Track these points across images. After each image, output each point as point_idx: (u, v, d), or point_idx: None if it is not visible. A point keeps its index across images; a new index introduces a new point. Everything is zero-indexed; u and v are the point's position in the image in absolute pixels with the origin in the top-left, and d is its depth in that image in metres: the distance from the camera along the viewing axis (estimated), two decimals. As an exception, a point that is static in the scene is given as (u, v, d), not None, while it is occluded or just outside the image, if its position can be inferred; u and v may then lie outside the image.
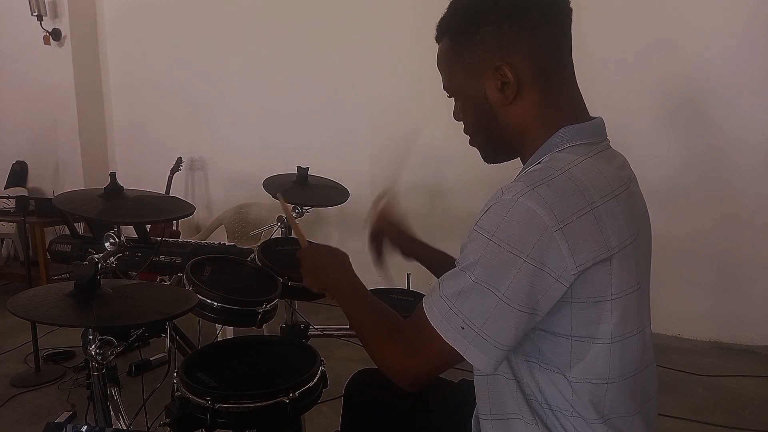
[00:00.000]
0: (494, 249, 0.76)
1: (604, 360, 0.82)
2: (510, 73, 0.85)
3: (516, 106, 0.88)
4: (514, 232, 0.75)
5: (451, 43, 0.91)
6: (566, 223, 0.74)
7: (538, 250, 0.74)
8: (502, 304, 0.76)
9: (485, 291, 0.77)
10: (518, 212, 0.75)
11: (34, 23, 4.35)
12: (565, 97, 0.89)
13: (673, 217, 3.05)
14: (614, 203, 0.79)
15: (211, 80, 4.36)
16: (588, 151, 0.84)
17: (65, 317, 1.16)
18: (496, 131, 0.92)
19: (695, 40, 3.06)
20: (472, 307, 0.78)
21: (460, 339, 0.78)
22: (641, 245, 0.86)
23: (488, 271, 0.76)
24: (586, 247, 0.75)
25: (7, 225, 4.19)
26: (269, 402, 1.29)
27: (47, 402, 2.51)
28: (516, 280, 0.75)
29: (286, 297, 1.93)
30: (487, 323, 0.77)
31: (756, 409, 2.46)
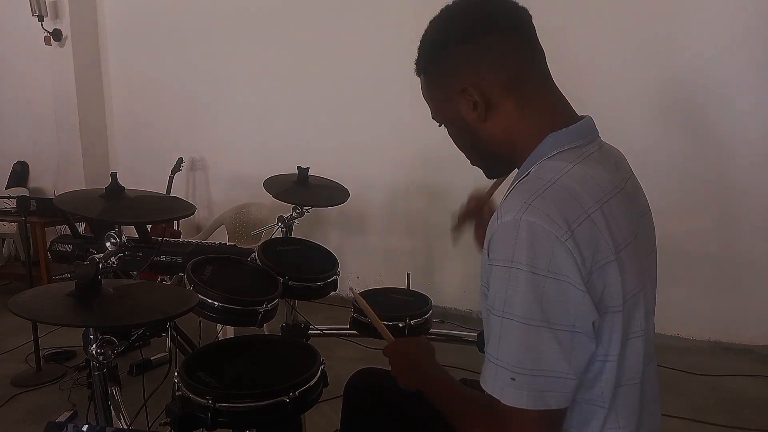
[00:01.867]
0: (517, 275, 0.73)
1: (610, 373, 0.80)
2: (475, 93, 0.87)
3: (493, 121, 0.89)
4: (529, 251, 0.73)
5: (423, 77, 0.96)
6: (571, 231, 0.74)
7: (555, 263, 0.73)
8: (543, 331, 0.73)
9: (521, 325, 0.73)
10: (525, 231, 0.74)
11: (35, 24, 4.35)
12: (544, 102, 0.90)
13: (673, 217, 3.05)
14: (608, 206, 0.79)
15: (212, 80, 4.36)
16: (577, 156, 0.84)
17: (66, 317, 1.16)
18: (483, 148, 0.94)
19: (694, 40, 3.06)
20: (515, 350, 0.74)
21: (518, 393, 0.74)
22: (641, 245, 0.86)
23: (518, 301, 0.74)
24: (592, 253, 0.75)
25: (8, 225, 4.19)
26: (270, 401, 1.29)
27: (48, 401, 2.51)
28: (547, 301, 0.73)
29: (287, 297, 1.93)
30: (537, 360, 0.73)
31: (755, 408, 2.46)
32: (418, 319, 1.87)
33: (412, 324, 1.83)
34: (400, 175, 3.76)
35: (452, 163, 4.02)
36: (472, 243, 1.32)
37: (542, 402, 0.74)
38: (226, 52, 4.25)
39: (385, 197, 3.84)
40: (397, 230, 3.81)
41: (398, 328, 1.83)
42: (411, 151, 3.67)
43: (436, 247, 3.72)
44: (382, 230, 3.89)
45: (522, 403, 0.74)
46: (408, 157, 3.68)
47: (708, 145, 3.15)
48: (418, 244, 3.81)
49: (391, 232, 3.85)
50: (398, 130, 3.70)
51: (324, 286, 1.94)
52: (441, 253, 3.71)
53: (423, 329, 1.89)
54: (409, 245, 3.82)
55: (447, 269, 3.73)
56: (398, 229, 3.81)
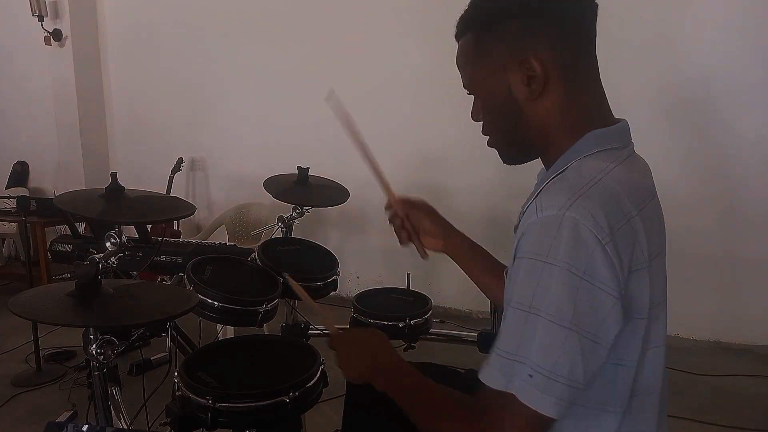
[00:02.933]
0: (552, 271, 0.70)
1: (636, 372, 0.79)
2: (538, 65, 0.82)
3: (543, 101, 0.84)
4: (568, 248, 0.69)
5: (474, 38, 0.88)
6: (612, 234, 0.71)
7: (593, 265, 0.69)
8: (572, 334, 0.69)
9: (549, 323, 0.70)
10: (568, 227, 0.70)
11: (35, 24, 4.35)
12: (591, 95, 0.87)
13: (674, 217, 3.03)
14: (645, 213, 0.77)
15: (212, 80, 4.36)
16: (615, 158, 0.81)
17: (66, 317, 1.16)
18: (520, 129, 0.88)
19: (697, 40, 3.07)
20: (538, 348, 0.70)
21: (532, 390, 0.70)
22: (664, 256, 0.86)
23: (550, 297, 0.70)
24: (629, 259, 0.73)
25: (8, 225, 4.19)
26: (270, 401, 1.29)
27: (48, 401, 2.52)
28: (579, 303, 0.69)
29: (287, 297, 1.93)
30: (558, 361, 0.70)
31: (755, 408, 2.46)
32: (418, 319, 1.87)
33: (412, 324, 1.83)
34: (400, 175, 3.73)
35: (452, 163, 4.04)
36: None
37: (552, 408, 0.70)
38: (227, 52, 4.25)
39: (385, 197, 3.83)
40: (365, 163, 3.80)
41: (398, 328, 1.82)
42: (411, 151, 3.67)
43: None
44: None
45: (535, 403, 0.70)
46: (408, 157, 3.68)
47: (708, 145, 3.16)
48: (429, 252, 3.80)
49: (391, 232, 3.83)
50: (398, 130, 3.70)
51: (324, 286, 1.94)
52: (441, 254, 3.71)
53: (423, 329, 1.88)
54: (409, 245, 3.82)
55: (447, 269, 3.72)
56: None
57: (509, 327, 0.74)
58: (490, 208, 3.51)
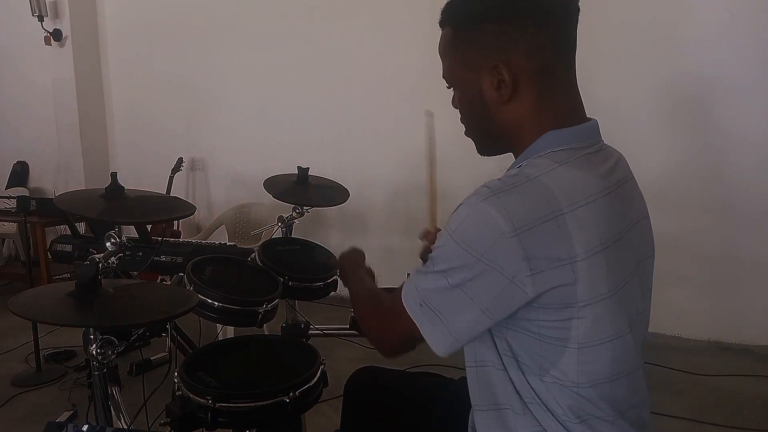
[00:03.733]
0: (453, 246, 0.80)
1: (574, 365, 0.82)
2: (507, 73, 0.85)
3: (511, 105, 0.88)
4: (472, 233, 0.78)
5: (452, 33, 0.91)
6: (525, 229, 0.75)
7: (492, 252, 0.76)
8: (457, 293, 0.80)
9: (443, 280, 0.81)
10: (477, 216, 0.78)
11: (35, 24, 4.35)
12: (561, 98, 0.89)
13: (673, 216, 3.05)
14: (585, 210, 0.79)
15: (212, 80, 4.36)
16: (567, 157, 0.84)
17: (66, 317, 1.16)
18: (489, 127, 0.92)
19: (696, 39, 3.06)
20: (431, 289, 0.83)
21: (419, 315, 0.85)
22: (626, 249, 0.85)
23: (447, 264, 0.81)
24: (545, 253, 0.76)
25: (8, 225, 4.19)
26: (270, 401, 1.29)
27: (48, 401, 2.52)
28: (469, 278, 0.79)
29: (287, 297, 1.93)
30: (442, 307, 0.82)
31: (755, 408, 2.46)
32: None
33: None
34: (400, 174, 3.76)
35: (452, 163, 4.04)
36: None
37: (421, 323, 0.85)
38: (227, 52, 4.26)
39: (385, 197, 3.84)
40: (397, 230, 3.81)
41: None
42: (411, 150, 3.65)
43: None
44: (382, 230, 3.89)
45: (418, 322, 0.85)
46: (408, 156, 3.67)
47: (708, 144, 3.16)
48: (418, 244, 3.80)
49: (391, 232, 3.85)
50: (398, 130, 3.70)
51: (324, 286, 1.94)
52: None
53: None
54: (409, 245, 3.81)
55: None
56: (398, 229, 3.81)
57: (424, 269, 0.85)
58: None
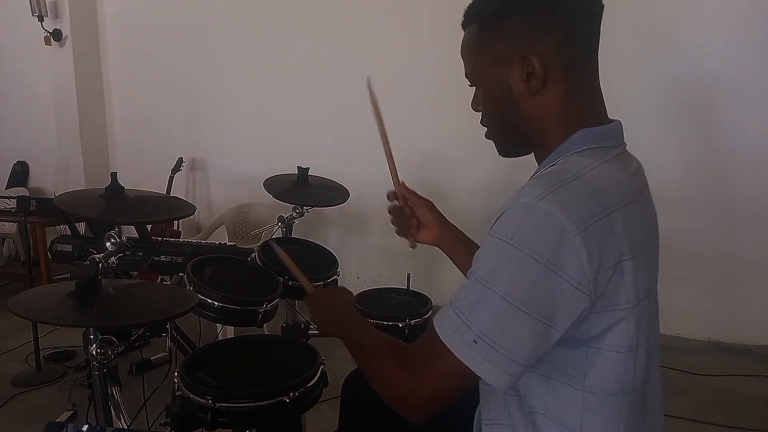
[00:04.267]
0: (512, 253, 0.73)
1: (618, 370, 0.79)
2: (537, 64, 0.83)
3: (539, 98, 0.86)
4: (534, 235, 0.72)
5: (479, 29, 0.89)
6: (585, 227, 0.72)
7: (558, 254, 0.71)
8: (520, 314, 0.72)
9: (501, 300, 0.73)
10: (537, 215, 0.72)
11: (35, 24, 4.35)
12: (588, 96, 0.88)
13: (673, 216, 3.05)
14: (627, 210, 0.78)
15: (212, 80, 4.36)
16: (604, 155, 0.83)
17: (66, 317, 1.16)
18: (516, 123, 0.89)
19: (697, 39, 3.07)
20: (488, 318, 0.74)
21: (473, 354, 0.74)
22: (651, 254, 0.85)
23: (505, 277, 0.73)
24: (600, 253, 0.73)
25: (8, 225, 4.19)
26: (270, 401, 1.29)
27: (48, 401, 2.52)
28: (534, 287, 0.72)
29: (287, 297, 1.93)
30: (503, 335, 0.73)
31: (755, 408, 2.46)
32: (418, 319, 1.87)
33: (412, 324, 1.83)
34: (400, 174, 3.76)
35: (452, 162, 4.04)
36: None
37: (490, 376, 0.74)
38: (226, 52, 4.26)
39: (385, 197, 3.83)
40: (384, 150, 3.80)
41: (398, 328, 1.83)
42: (411, 150, 3.66)
43: (436, 247, 3.72)
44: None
45: (473, 365, 0.74)
46: (408, 156, 3.67)
47: (708, 144, 3.16)
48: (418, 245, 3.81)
49: (391, 232, 3.83)
50: (398, 130, 3.67)
51: (324, 286, 1.94)
52: (441, 253, 3.71)
53: (423, 329, 1.89)
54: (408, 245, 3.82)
55: (447, 269, 3.72)
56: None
57: (467, 291, 0.77)
58: (489, 207, 3.50)
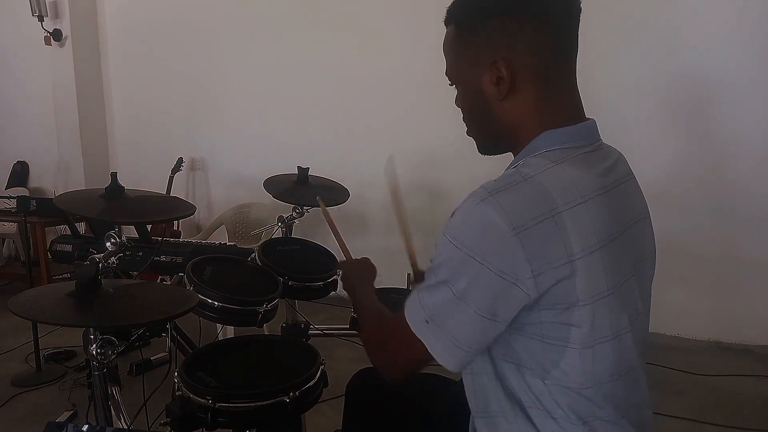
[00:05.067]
0: (454, 252, 0.78)
1: (577, 365, 0.81)
2: (505, 69, 0.85)
3: (509, 102, 0.88)
4: (472, 236, 0.77)
5: (455, 30, 0.91)
6: (523, 228, 0.75)
7: (494, 254, 0.75)
8: (462, 304, 0.78)
9: (447, 290, 0.79)
10: (476, 217, 0.77)
11: (35, 24, 4.35)
12: (560, 98, 0.89)
13: (673, 216, 3.05)
14: (581, 209, 0.79)
15: (212, 81, 4.36)
16: (563, 156, 0.84)
17: (66, 317, 1.16)
18: (489, 124, 0.92)
19: (696, 40, 3.06)
20: (436, 303, 0.81)
21: (425, 332, 0.82)
22: (624, 248, 0.85)
23: (450, 272, 0.79)
24: (543, 252, 0.75)
25: (8, 225, 4.19)
26: (270, 401, 1.29)
27: (48, 401, 2.52)
28: (474, 283, 0.77)
29: (287, 297, 1.93)
30: (448, 321, 0.80)
31: (755, 408, 2.46)
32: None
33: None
34: (400, 174, 3.75)
35: (452, 162, 4.04)
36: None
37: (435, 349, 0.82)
38: (226, 52, 4.25)
39: (385, 197, 3.81)
40: (397, 230, 3.81)
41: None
42: (411, 150, 3.67)
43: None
44: (382, 230, 3.88)
45: (426, 341, 0.82)
46: (408, 156, 3.68)
47: (708, 144, 3.16)
48: (418, 244, 3.79)
49: (391, 232, 3.83)
50: (398, 130, 3.70)
51: (324, 286, 1.94)
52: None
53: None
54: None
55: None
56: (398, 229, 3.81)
57: (427, 277, 0.84)
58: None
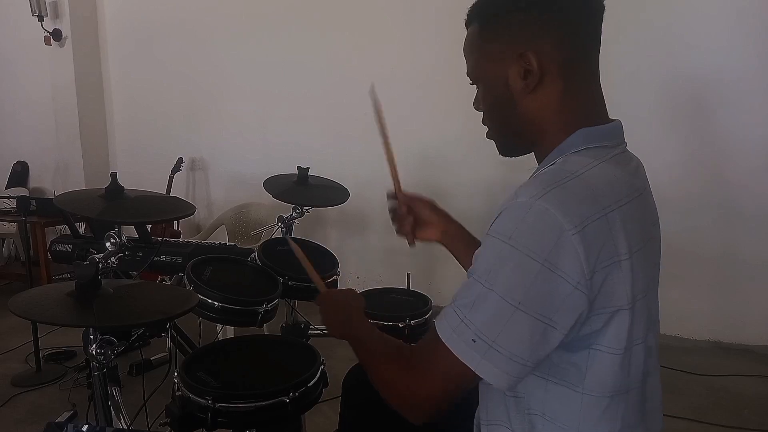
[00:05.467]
0: (510, 253, 0.73)
1: (615, 370, 0.80)
2: (534, 61, 0.84)
3: (536, 96, 0.86)
4: (531, 234, 0.72)
5: (479, 28, 0.90)
6: (583, 227, 0.72)
7: (555, 253, 0.71)
8: (518, 313, 0.72)
9: (499, 299, 0.73)
10: (535, 214, 0.72)
11: (35, 24, 4.35)
12: (586, 95, 0.88)
13: (673, 216, 3.04)
14: (626, 209, 0.78)
15: (212, 80, 4.36)
16: (603, 155, 0.83)
17: (66, 317, 1.16)
18: (514, 121, 0.90)
19: (698, 40, 3.06)
20: (486, 317, 0.74)
21: (471, 353, 0.74)
22: (650, 253, 0.85)
23: (503, 276, 0.73)
24: (598, 252, 0.73)
25: (8, 225, 4.19)
26: (269, 401, 1.29)
27: (48, 401, 2.52)
28: (533, 286, 0.72)
29: (287, 297, 1.93)
30: (502, 334, 0.73)
31: (755, 408, 2.46)
32: (418, 319, 1.87)
33: (412, 324, 1.83)
34: (400, 174, 3.76)
35: (453, 162, 4.03)
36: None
37: (490, 375, 0.74)
38: (227, 52, 4.25)
39: (385, 197, 3.82)
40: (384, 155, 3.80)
41: (398, 328, 1.83)
42: (411, 150, 3.66)
43: (436, 247, 3.71)
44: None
45: (472, 363, 0.74)
46: (408, 156, 3.68)
47: (708, 144, 3.16)
48: (418, 244, 3.81)
49: (391, 232, 3.82)
50: (398, 130, 3.67)
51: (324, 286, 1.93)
52: (441, 253, 3.69)
53: (423, 329, 1.89)
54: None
55: (447, 269, 3.72)
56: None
57: (466, 291, 0.77)
58: (490, 206, 3.50)
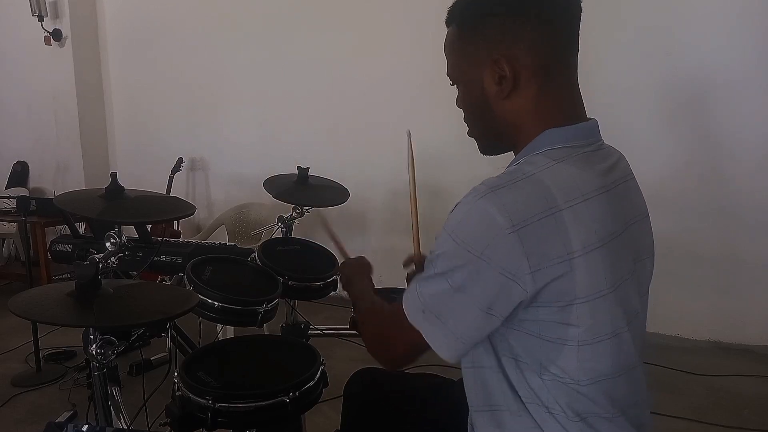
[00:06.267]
0: (453, 246, 0.80)
1: (573, 363, 0.82)
2: (507, 68, 0.86)
3: (511, 101, 0.88)
4: (471, 231, 0.78)
5: (457, 30, 0.92)
6: (522, 225, 0.75)
7: (492, 250, 0.76)
8: (458, 297, 0.80)
9: (444, 282, 0.81)
10: (475, 213, 0.78)
11: (35, 24, 4.35)
12: (560, 98, 0.89)
13: (673, 216, 3.05)
14: (582, 207, 0.79)
15: (212, 80, 4.36)
16: (565, 155, 0.84)
17: (66, 317, 1.16)
18: (491, 123, 0.92)
19: (696, 40, 3.06)
20: (433, 294, 0.83)
21: (423, 321, 0.84)
22: (623, 247, 0.85)
23: (448, 265, 0.81)
24: (543, 249, 0.76)
25: (8, 225, 4.19)
26: (270, 401, 1.29)
27: (48, 401, 2.52)
28: (471, 277, 0.78)
29: (287, 297, 1.93)
30: (444, 312, 0.82)
31: (755, 408, 2.46)
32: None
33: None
34: (400, 174, 3.74)
35: (452, 162, 4.04)
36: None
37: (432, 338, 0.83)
38: (227, 52, 4.26)
39: (385, 197, 3.84)
40: (397, 230, 3.81)
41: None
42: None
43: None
44: (382, 230, 3.89)
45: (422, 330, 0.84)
46: (406, 155, 3.68)
47: (708, 145, 3.16)
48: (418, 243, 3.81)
49: (391, 232, 3.85)
50: (398, 130, 3.68)
51: (324, 286, 1.94)
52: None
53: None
54: (409, 245, 3.81)
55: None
56: (398, 229, 3.81)
57: (426, 268, 0.85)
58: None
